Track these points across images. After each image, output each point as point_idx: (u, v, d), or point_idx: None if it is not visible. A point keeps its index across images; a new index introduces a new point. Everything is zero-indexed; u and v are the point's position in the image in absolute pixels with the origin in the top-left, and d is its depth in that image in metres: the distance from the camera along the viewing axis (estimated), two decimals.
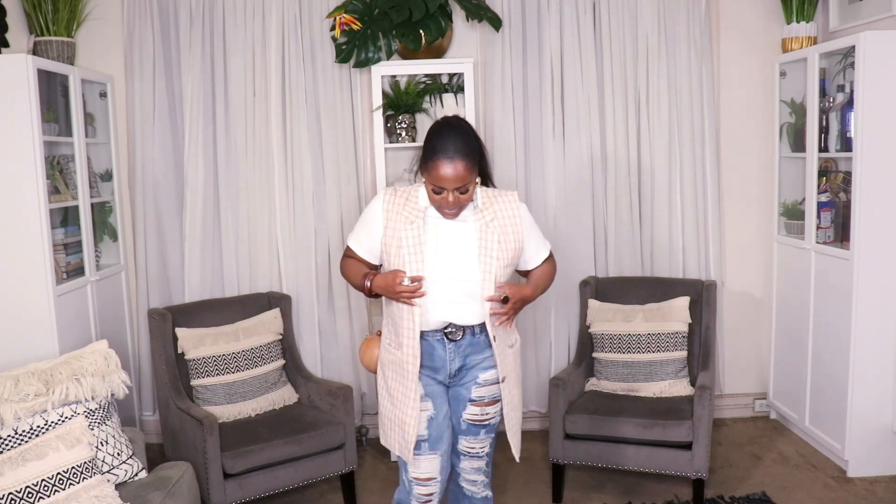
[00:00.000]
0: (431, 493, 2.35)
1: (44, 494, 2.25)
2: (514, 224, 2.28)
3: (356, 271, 2.35)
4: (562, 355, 4.01)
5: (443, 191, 2.16)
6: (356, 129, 3.90)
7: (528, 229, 2.33)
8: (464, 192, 2.17)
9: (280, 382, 3.48)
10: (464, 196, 2.18)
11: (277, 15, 3.78)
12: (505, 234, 2.26)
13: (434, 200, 2.21)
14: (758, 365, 4.20)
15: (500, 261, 2.23)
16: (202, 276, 3.87)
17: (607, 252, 3.98)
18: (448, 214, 2.23)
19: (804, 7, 3.80)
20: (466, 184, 2.16)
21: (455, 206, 2.19)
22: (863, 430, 3.37)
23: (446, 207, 2.20)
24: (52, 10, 3.46)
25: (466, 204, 2.22)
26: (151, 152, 3.84)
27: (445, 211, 2.21)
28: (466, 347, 2.29)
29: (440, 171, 2.13)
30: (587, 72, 3.87)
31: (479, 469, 2.46)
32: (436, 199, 2.20)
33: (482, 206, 2.27)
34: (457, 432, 2.40)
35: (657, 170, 3.94)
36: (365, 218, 2.33)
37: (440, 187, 2.15)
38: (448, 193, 2.16)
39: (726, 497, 3.25)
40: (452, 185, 2.14)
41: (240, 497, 2.99)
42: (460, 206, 2.21)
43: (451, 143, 2.14)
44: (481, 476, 2.47)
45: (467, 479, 2.46)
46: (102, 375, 2.59)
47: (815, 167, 3.60)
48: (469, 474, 2.46)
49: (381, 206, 2.28)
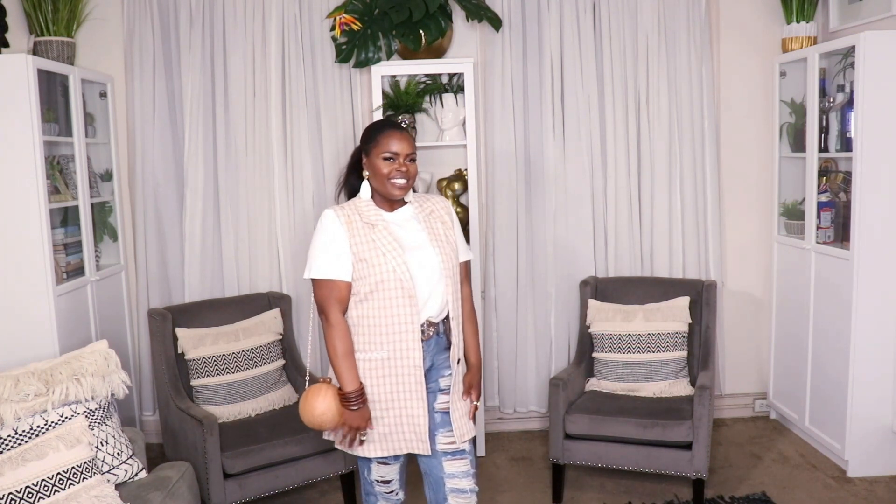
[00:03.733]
0: (393, 490, 2.42)
1: (44, 494, 2.25)
2: (447, 216, 2.38)
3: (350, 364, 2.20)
4: (562, 355, 4.01)
5: (394, 158, 2.22)
6: (356, 129, 3.90)
7: (456, 224, 2.42)
8: (412, 160, 2.25)
9: (280, 382, 3.48)
10: (411, 166, 2.25)
11: (277, 15, 3.78)
12: (445, 223, 2.36)
13: (383, 174, 2.22)
14: (758, 365, 4.20)
15: (449, 244, 2.32)
16: (202, 276, 3.87)
17: (607, 252, 3.98)
18: (397, 189, 2.24)
19: (804, 7, 3.80)
20: (414, 153, 2.26)
21: (406, 174, 2.23)
22: (863, 430, 3.37)
23: (397, 177, 2.22)
24: (52, 10, 3.46)
25: (412, 179, 2.26)
26: (151, 152, 3.84)
27: (394, 183, 2.23)
28: (434, 347, 2.29)
29: (392, 138, 2.24)
30: (587, 72, 3.87)
31: (466, 472, 2.30)
32: (385, 169, 2.22)
33: (416, 204, 2.35)
34: (433, 430, 2.29)
35: (657, 170, 3.94)
36: (325, 241, 2.22)
37: (393, 153, 2.22)
38: (399, 159, 2.22)
39: (726, 497, 3.25)
40: (404, 150, 2.23)
41: (240, 497, 2.99)
42: (408, 177, 2.24)
43: (395, 123, 2.33)
44: (470, 481, 2.30)
45: (456, 487, 2.28)
46: (102, 375, 2.59)
47: (815, 167, 3.60)
48: (456, 480, 2.29)
49: (337, 223, 2.23)
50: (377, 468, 2.37)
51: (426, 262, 2.24)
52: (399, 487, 2.43)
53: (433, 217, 2.35)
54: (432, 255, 2.26)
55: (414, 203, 2.35)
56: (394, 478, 2.40)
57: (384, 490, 2.40)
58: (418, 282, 2.21)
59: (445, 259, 2.27)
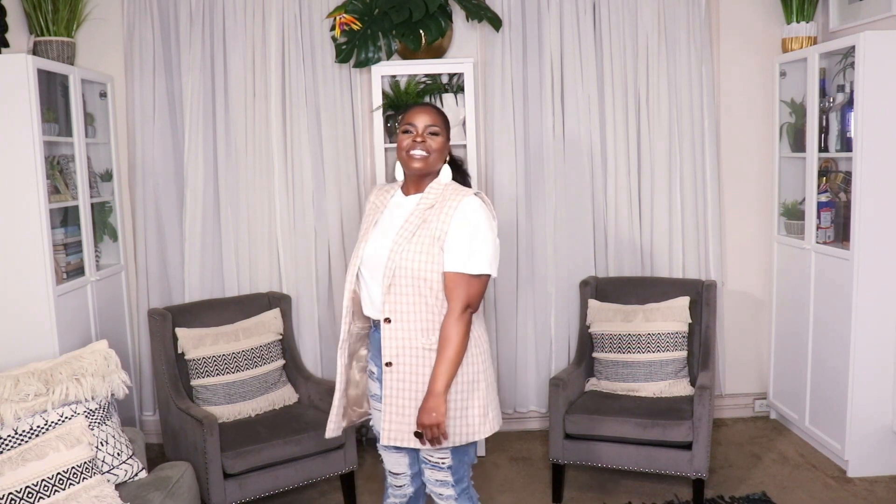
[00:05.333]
0: (402, 485, 2.39)
1: (44, 494, 2.25)
2: (448, 211, 2.14)
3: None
4: (562, 355, 4.01)
5: (412, 130, 2.19)
6: (356, 129, 3.90)
7: (459, 223, 2.12)
8: (433, 133, 2.18)
9: (280, 382, 3.48)
10: (432, 140, 2.18)
11: (277, 15, 3.78)
12: (436, 218, 2.15)
13: (401, 148, 2.20)
14: (758, 365, 4.20)
15: (413, 243, 2.13)
16: (202, 276, 3.87)
17: (607, 252, 3.98)
18: (414, 161, 2.18)
19: (804, 7, 3.80)
20: (436, 126, 2.19)
21: (422, 145, 2.17)
22: (863, 430, 3.37)
23: (412, 147, 2.18)
24: (52, 10, 3.46)
25: (434, 154, 2.18)
26: (151, 152, 3.84)
27: (412, 155, 2.18)
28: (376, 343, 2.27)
29: (412, 111, 2.22)
30: (587, 72, 3.87)
31: (443, 482, 2.26)
32: (404, 142, 2.20)
33: (432, 196, 2.20)
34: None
35: (657, 170, 3.94)
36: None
37: (410, 125, 2.19)
38: (417, 131, 2.18)
39: (726, 497, 3.25)
40: (423, 121, 2.18)
41: (240, 497, 2.99)
42: (427, 150, 2.18)
43: (424, 102, 2.33)
44: (448, 490, 2.27)
45: (432, 490, 2.31)
46: (102, 375, 2.59)
47: (815, 167, 3.60)
48: (432, 485, 2.29)
49: (368, 201, 2.39)
50: (386, 456, 2.37)
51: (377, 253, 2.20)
52: (409, 482, 2.38)
53: (430, 213, 2.17)
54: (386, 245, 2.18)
55: (431, 194, 2.21)
56: (402, 471, 2.37)
57: (394, 482, 2.40)
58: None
59: (393, 253, 2.13)
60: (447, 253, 2.12)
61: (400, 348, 2.17)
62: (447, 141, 2.25)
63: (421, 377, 2.16)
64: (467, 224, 2.12)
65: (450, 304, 2.13)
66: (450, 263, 2.12)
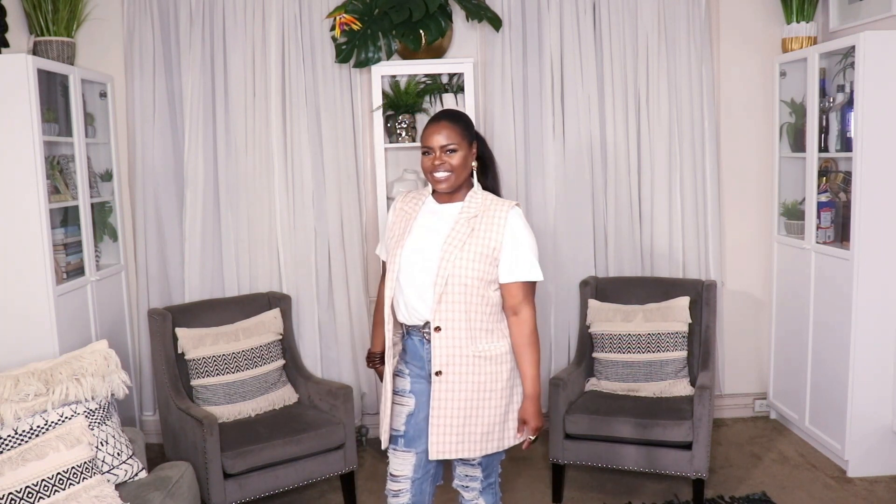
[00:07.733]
0: (400, 490, 2.33)
1: (44, 494, 2.25)
2: (497, 224, 2.21)
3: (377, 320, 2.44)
4: (562, 355, 4.01)
5: (430, 152, 2.21)
6: (356, 129, 3.91)
7: (512, 236, 2.22)
8: (451, 150, 2.19)
9: (280, 382, 3.48)
10: (451, 157, 2.19)
11: (277, 15, 3.78)
12: (485, 230, 2.21)
13: (426, 168, 2.23)
14: (758, 365, 4.20)
15: (464, 252, 2.17)
16: (202, 276, 3.87)
17: (607, 252, 3.98)
18: (438, 184, 2.22)
19: (804, 7, 3.80)
20: (452, 143, 2.20)
21: (442, 166, 2.19)
22: (863, 430, 3.37)
23: (435, 170, 2.20)
24: (52, 10, 3.46)
25: (457, 170, 2.21)
26: (151, 152, 3.84)
27: (436, 176, 2.21)
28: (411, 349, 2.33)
29: (426, 132, 2.23)
30: (587, 71, 3.87)
31: (473, 477, 2.38)
32: (426, 164, 2.23)
33: (474, 206, 2.24)
34: None
35: (657, 170, 3.94)
36: (386, 224, 2.38)
37: (427, 147, 2.21)
38: (435, 153, 2.20)
39: (726, 497, 3.25)
40: (437, 142, 2.19)
41: (240, 497, 2.99)
42: (449, 169, 2.20)
43: (439, 114, 2.28)
44: (475, 483, 2.39)
45: (459, 483, 2.41)
46: (102, 375, 2.59)
47: (815, 167, 3.60)
48: (461, 479, 2.41)
49: (394, 207, 2.38)
50: (393, 456, 2.36)
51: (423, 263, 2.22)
52: (407, 488, 2.33)
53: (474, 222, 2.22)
54: (434, 256, 2.20)
55: (472, 204, 2.25)
56: (404, 473, 2.33)
57: (392, 487, 2.34)
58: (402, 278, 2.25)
59: (443, 263, 2.17)
60: (509, 264, 2.22)
61: (450, 356, 2.21)
62: (469, 150, 2.26)
63: (469, 384, 2.23)
64: (522, 237, 2.25)
65: (520, 311, 2.25)
66: (516, 274, 2.23)
